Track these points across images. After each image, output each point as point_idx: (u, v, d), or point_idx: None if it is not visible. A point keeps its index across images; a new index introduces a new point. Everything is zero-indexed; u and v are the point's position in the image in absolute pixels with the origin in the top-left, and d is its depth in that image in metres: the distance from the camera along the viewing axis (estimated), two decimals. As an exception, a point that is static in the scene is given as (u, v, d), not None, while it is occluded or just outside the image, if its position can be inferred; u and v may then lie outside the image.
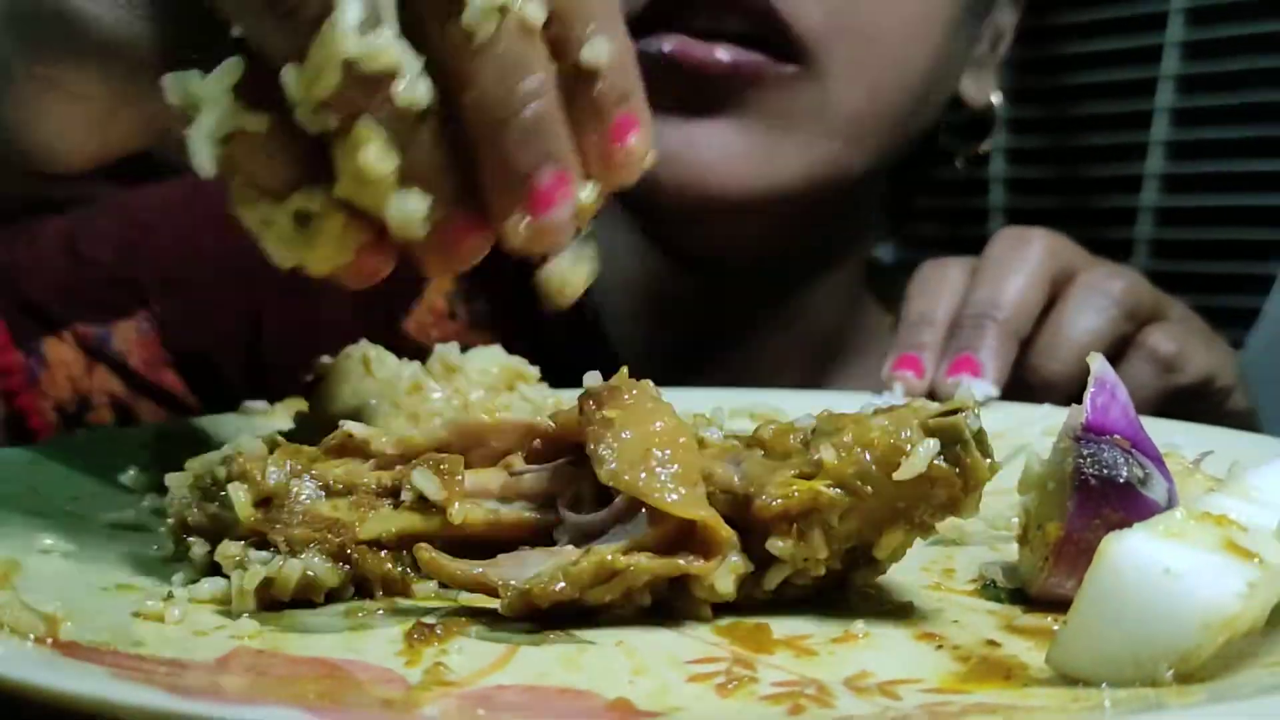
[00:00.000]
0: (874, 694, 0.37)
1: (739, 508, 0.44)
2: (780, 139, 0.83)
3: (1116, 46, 1.47)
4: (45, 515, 0.52)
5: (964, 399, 0.44)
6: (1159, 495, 0.45)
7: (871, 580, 0.46)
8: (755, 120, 0.82)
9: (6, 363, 0.85)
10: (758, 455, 0.46)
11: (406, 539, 0.46)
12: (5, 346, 0.85)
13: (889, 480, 0.43)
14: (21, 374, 0.86)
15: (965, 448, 0.43)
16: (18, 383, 0.85)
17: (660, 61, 0.79)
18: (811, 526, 0.43)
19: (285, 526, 0.46)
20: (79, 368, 0.88)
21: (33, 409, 0.85)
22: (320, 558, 0.45)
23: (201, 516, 0.47)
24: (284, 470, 0.47)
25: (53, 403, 0.87)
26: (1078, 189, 1.56)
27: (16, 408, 0.85)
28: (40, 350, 0.87)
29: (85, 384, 0.88)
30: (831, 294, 1.00)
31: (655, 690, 0.37)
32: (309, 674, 0.39)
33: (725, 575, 0.43)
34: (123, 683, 0.33)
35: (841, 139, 0.85)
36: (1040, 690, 0.37)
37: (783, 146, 0.83)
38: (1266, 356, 1.28)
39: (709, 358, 0.96)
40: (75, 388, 0.88)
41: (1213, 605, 0.36)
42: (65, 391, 0.87)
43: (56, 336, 0.88)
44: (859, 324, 1.04)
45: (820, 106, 0.83)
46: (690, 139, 0.81)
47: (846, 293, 1.02)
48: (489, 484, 0.47)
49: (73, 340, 0.88)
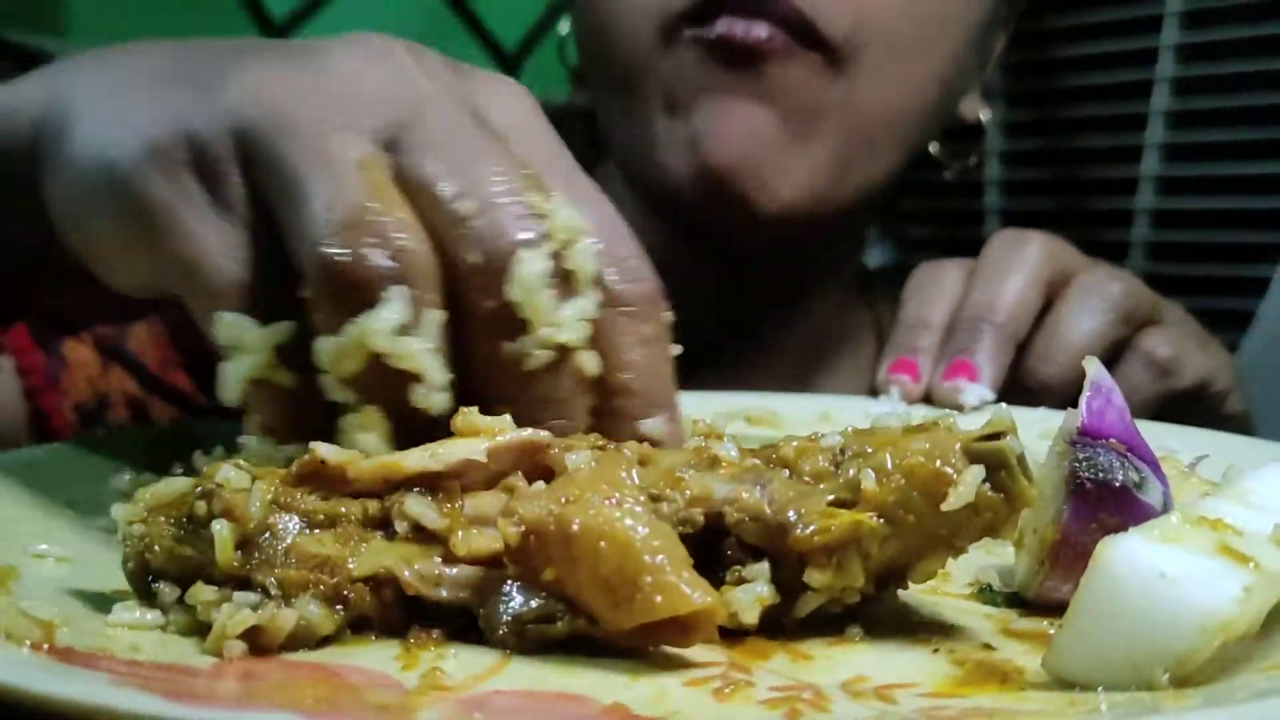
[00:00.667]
0: (870, 698, 0.37)
1: (771, 537, 0.42)
2: (808, 131, 0.85)
3: (1112, 49, 1.47)
4: (40, 520, 0.52)
5: (1003, 421, 0.42)
6: (1155, 499, 0.45)
7: (895, 596, 0.45)
8: (785, 102, 0.84)
9: (29, 363, 0.87)
10: (783, 476, 0.43)
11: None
12: (28, 348, 0.86)
13: (934, 509, 0.41)
14: (43, 374, 0.87)
15: (1010, 473, 0.41)
16: (40, 382, 0.87)
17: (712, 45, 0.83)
18: (850, 556, 0.41)
19: (271, 566, 0.42)
20: (96, 368, 0.90)
21: (54, 409, 0.87)
22: (315, 603, 0.41)
23: (165, 558, 0.43)
24: (265, 502, 0.42)
25: (73, 402, 0.88)
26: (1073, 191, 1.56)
27: (39, 408, 0.87)
28: (60, 351, 0.88)
29: (103, 384, 0.90)
30: (831, 296, 1.02)
31: (652, 695, 0.37)
32: (305, 679, 0.39)
33: (751, 608, 0.41)
34: (119, 688, 0.33)
35: (865, 142, 0.88)
36: (1036, 694, 0.37)
37: (809, 139, 0.85)
38: (1262, 359, 1.28)
39: (714, 348, 0.97)
40: (94, 387, 0.89)
41: (1209, 609, 0.36)
42: (85, 391, 0.89)
43: (75, 338, 0.89)
44: (846, 322, 1.05)
45: (845, 104, 0.86)
46: (723, 110, 0.84)
47: (843, 294, 1.04)
48: (490, 508, 0.43)
49: (91, 342, 0.90)
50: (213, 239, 0.49)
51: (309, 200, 0.47)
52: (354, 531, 0.43)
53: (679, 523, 0.42)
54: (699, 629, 0.39)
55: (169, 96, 0.52)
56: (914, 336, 0.83)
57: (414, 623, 0.42)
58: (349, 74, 0.51)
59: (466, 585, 0.42)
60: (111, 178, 0.51)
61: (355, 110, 0.49)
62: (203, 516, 0.42)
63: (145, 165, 0.50)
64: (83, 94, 0.55)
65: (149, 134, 0.50)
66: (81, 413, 0.88)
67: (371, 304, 0.45)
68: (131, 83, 0.55)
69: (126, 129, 0.51)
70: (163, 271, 0.51)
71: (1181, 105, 1.41)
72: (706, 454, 0.44)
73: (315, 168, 0.47)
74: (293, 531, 0.42)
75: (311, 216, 0.46)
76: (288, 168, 0.48)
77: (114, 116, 0.53)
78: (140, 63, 0.57)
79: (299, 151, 0.48)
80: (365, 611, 0.42)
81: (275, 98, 0.49)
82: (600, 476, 0.42)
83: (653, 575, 0.39)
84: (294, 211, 0.47)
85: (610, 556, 0.39)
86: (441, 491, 0.43)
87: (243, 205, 0.50)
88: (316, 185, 0.47)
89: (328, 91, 0.50)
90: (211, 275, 0.49)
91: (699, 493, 0.43)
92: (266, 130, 0.49)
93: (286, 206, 0.48)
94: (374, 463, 0.44)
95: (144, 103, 0.52)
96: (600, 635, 0.40)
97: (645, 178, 0.90)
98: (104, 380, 0.90)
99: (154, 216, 0.50)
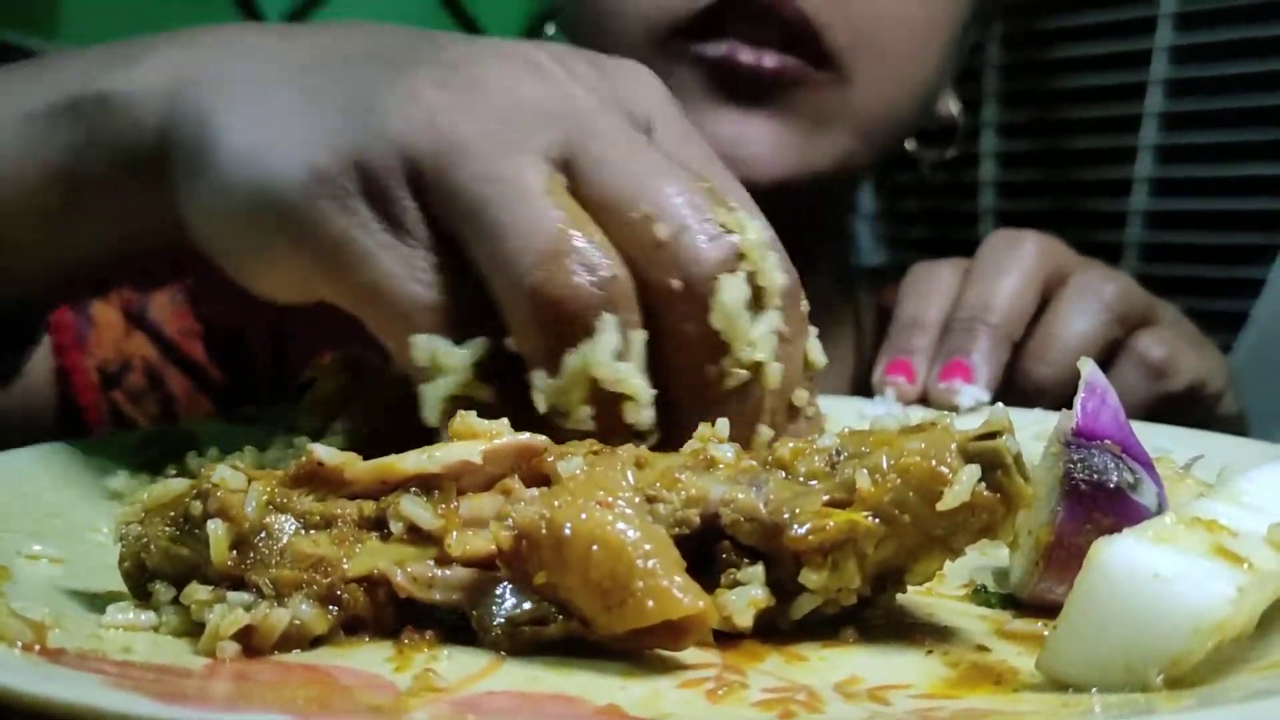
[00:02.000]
0: (863, 699, 0.37)
1: (766, 537, 0.42)
2: (815, 134, 0.90)
3: (1106, 51, 1.47)
4: (34, 521, 0.52)
5: (1000, 420, 0.42)
6: (1149, 500, 0.45)
7: (893, 600, 0.44)
8: (795, 117, 0.89)
9: (59, 319, 0.88)
10: (779, 476, 0.43)
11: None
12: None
13: (929, 509, 0.41)
14: (71, 331, 0.89)
15: (1006, 473, 0.41)
16: (68, 339, 0.88)
17: (713, 64, 0.86)
18: (846, 557, 0.41)
19: (266, 567, 0.42)
20: (121, 331, 0.91)
21: (78, 367, 0.88)
22: (308, 603, 0.41)
23: (161, 558, 0.43)
24: (261, 503, 0.43)
25: (97, 362, 0.89)
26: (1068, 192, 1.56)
27: (63, 365, 0.88)
28: (89, 311, 0.90)
29: (126, 347, 0.91)
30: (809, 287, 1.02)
31: (646, 696, 0.37)
32: (298, 680, 0.38)
33: (745, 611, 0.41)
34: (111, 690, 0.33)
35: (862, 139, 0.92)
36: (1030, 695, 0.37)
37: (816, 141, 0.90)
38: (1256, 361, 1.28)
39: None
40: (118, 350, 0.91)
41: (1203, 610, 0.36)
42: (110, 352, 0.90)
43: (104, 300, 0.91)
44: (828, 316, 1.07)
45: (845, 108, 0.90)
46: (742, 132, 0.88)
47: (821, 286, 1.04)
48: (486, 510, 0.43)
49: (118, 304, 0.92)
50: (396, 265, 0.49)
51: (504, 231, 0.47)
52: (350, 532, 0.43)
53: (675, 524, 0.42)
54: (691, 633, 0.39)
55: (326, 117, 0.51)
56: (909, 337, 0.83)
57: (408, 624, 0.42)
58: (506, 90, 0.51)
59: (460, 587, 0.42)
60: (281, 208, 0.50)
61: (522, 130, 0.49)
62: (198, 516, 0.42)
63: (317, 196, 0.50)
64: (222, 100, 0.54)
65: (315, 161, 0.50)
66: (103, 374, 0.89)
67: (587, 333, 0.46)
68: (274, 90, 0.54)
69: (288, 153, 0.51)
70: (348, 300, 0.51)
71: (1175, 107, 1.41)
72: (703, 455, 0.44)
73: (501, 195, 0.48)
74: (288, 532, 0.43)
75: (513, 249, 0.47)
76: (469, 195, 0.48)
77: (268, 136, 0.52)
78: (276, 62, 0.55)
79: (478, 178, 0.48)
80: (359, 612, 0.42)
81: (443, 123, 0.49)
82: (596, 479, 0.42)
83: (644, 579, 0.38)
84: (489, 242, 0.48)
85: (602, 560, 0.39)
86: (438, 492, 0.43)
87: (420, 229, 0.50)
88: (507, 214, 0.47)
89: (492, 112, 0.50)
90: (400, 301, 0.49)
91: (695, 494, 0.43)
92: (439, 157, 0.49)
93: (476, 236, 0.48)
94: (371, 464, 0.44)
95: (297, 120, 0.52)
96: (593, 637, 0.40)
97: None
98: (127, 344, 0.91)
99: (334, 248, 0.50)
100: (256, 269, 0.54)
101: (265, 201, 0.51)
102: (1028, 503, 0.42)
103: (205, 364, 0.95)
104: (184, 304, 0.94)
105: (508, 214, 0.47)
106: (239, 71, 0.55)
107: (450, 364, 0.48)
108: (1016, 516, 0.42)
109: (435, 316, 0.49)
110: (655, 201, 0.48)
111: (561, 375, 0.47)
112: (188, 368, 0.94)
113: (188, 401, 0.94)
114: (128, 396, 0.92)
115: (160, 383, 0.92)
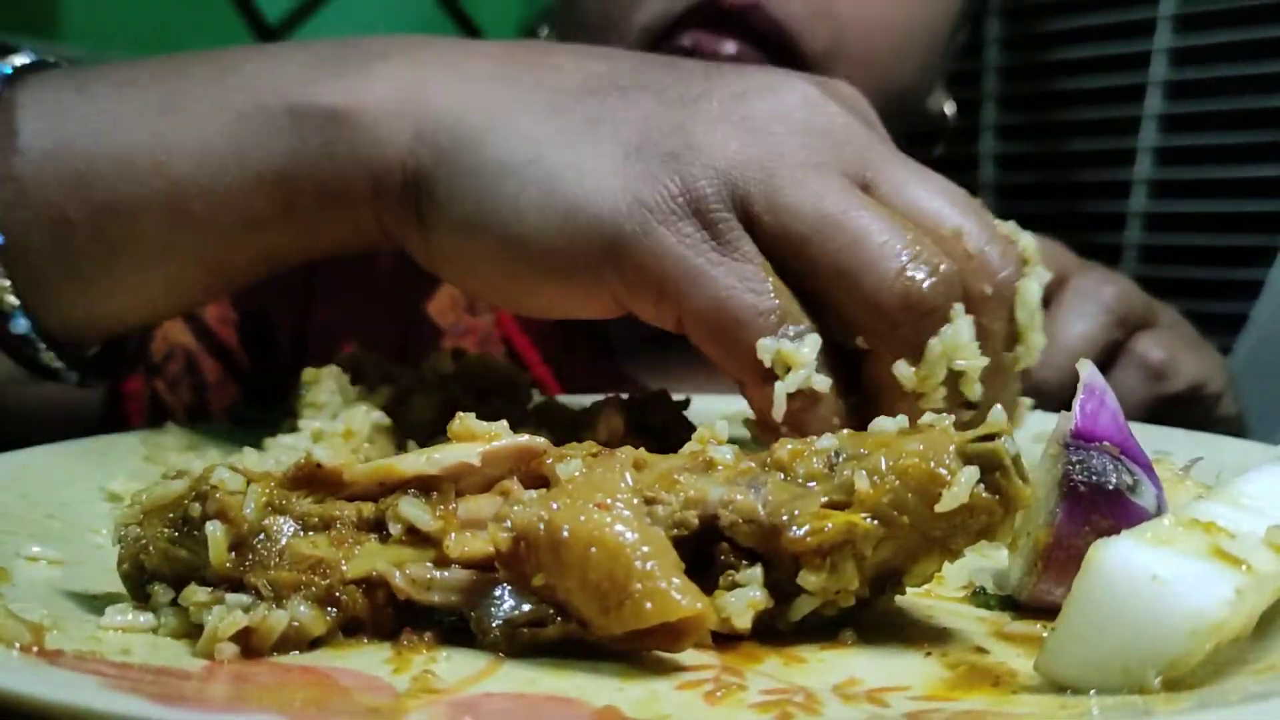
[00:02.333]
0: (862, 701, 0.37)
1: (765, 538, 0.42)
2: None
3: (1105, 53, 1.47)
4: (33, 523, 0.52)
5: (998, 422, 0.42)
6: (1148, 502, 0.45)
7: (891, 602, 0.44)
8: None
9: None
10: (777, 478, 0.43)
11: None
12: None
13: (928, 510, 0.41)
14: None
15: (1005, 474, 0.41)
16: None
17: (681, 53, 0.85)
18: (844, 558, 0.41)
19: (265, 568, 0.42)
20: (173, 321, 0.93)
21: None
22: (307, 605, 0.41)
23: (160, 559, 0.43)
24: (260, 505, 0.42)
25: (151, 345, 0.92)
26: (1067, 194, 1.56)
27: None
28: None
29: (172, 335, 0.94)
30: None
31: (644, 698, 0.37)
32: (296, 681, 0.38)
33: (744, 613, 0.41)
34: (110, 692, 0.33)
35: None
36: (1028, 697, 0.37)
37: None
38: (1255, 362, 1.28)
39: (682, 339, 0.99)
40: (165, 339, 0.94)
41: (1201, 612, 0.36)
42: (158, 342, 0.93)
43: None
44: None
45: None
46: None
47: None
48: (484, 511, 0.43)
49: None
50: (732, 279, 0.54)
51: (861, 242, 0.53)
52: (348, 534, 0.43)
53: (673, 525, 0.42)
54: (689, 635, 0.39)
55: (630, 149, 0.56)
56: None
57: (406, 625, 0.42)
58: (785, 118, 0.57)
59: (458, 589, 0.42)
60: (611, 236, 0.55)
61: (819, 154, 0.56)
62: (197, 518, 0.42)
63: (649, 224, 0.55)
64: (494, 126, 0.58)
65: (640, 192, 0.55)
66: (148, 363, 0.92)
67: (946, 322, 0.53)
68: (552, 119, 0.58)
69: (603, 183, 0.55)
70: (688, 316, 0.55)
71: (1174, 109, 1.42)
72: (702, 457, 0.44)
73: (842, 212, 0.54)
74: (287, 534, 0.43)
75: (872, 257, 0.53)
76: (806, 213, 0.54)
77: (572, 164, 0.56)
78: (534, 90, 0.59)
79: (808, 198, 0.54)
80: (357, 614, 0.42)
81: (753, 154, 0.55)
82: (595, 481, 0.42)
83: (643, 581, 0.38)
84: (842, 253, 0.54)
85: (600, 562, 0.39)
86: (436, 494, 0.43)
87: (746, 246, 0.55)
88: (856, 228, 0.54)
89: (787, 140, 0.56)
90: (741, 310, 0.54)
91: (694, 495, 0.43)
92: (760, 184, 0.55)
93: (825, 248, 0.54)
94: (370, 466, 0.44)
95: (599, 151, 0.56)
96: (591, 639, 0.40)
97: None
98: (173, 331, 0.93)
99: (671, 271, 0.55)
100: (559, 291, 0.58)
101: (587, 226, 0.55)
102: (1027, 504, 0.42)
103: (237, 350, 0.96)
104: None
105: (856, 227, 0.54)
106: (497, 95, 0.59)
107: (798, 359, 0.53)
108: (1016, 518, 0.42)
109: (772, 321, 0.54)
110: (959, 220, 0.56)
111: (926, 361, 0.53)
112: (221, 354, 0.95)
113: (218, 387, 0.95)
114: (167, 384, 0.92)
115: (196, 369, 0.93)
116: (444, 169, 0.58)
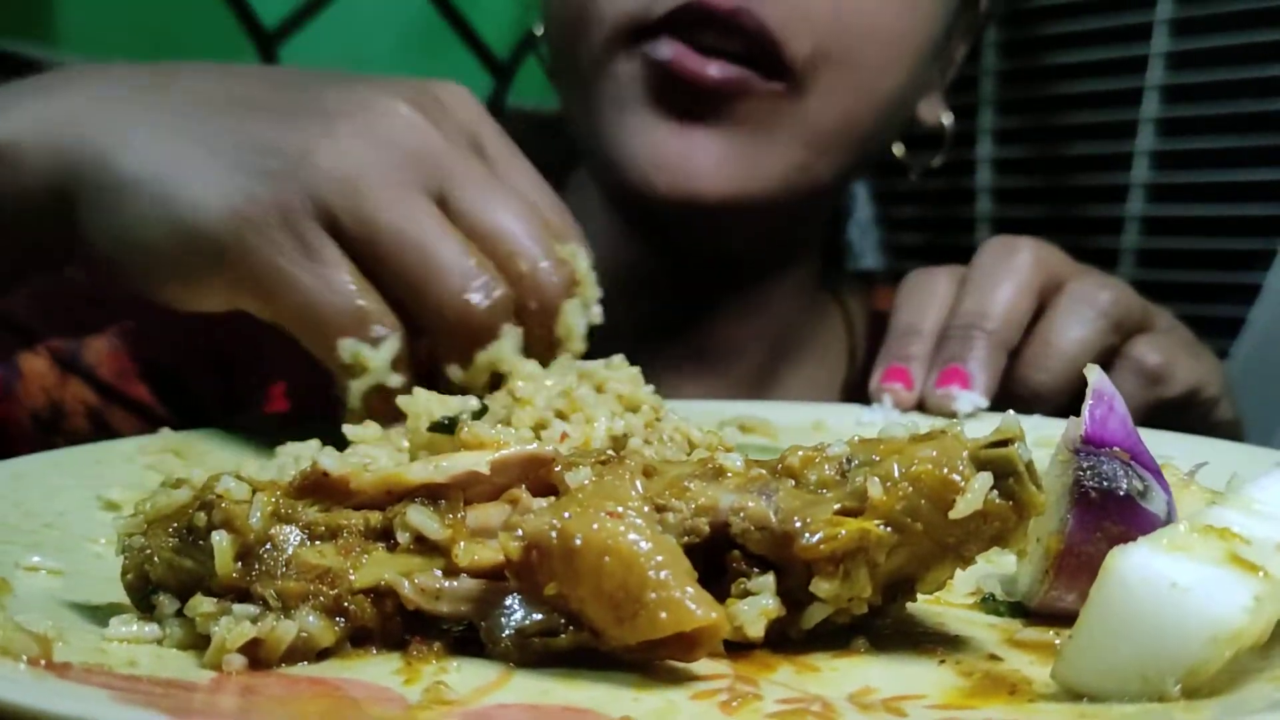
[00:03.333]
0: (879, 710, 0.37)
1: (777, 546, 0.41)
2: (762, 147, 0.88)
3: (1102, 57, 1.47)
4: (31, 532, 0.52)
5: (1011, 428, 0.42)
6: (1158, 508, 0.45)
7: (903, 609, 0.44)
8: (740, 129, 0.87)
9: None
10: (789, 485, 0.43)
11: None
12: None
13: (941, 517, 0.41)
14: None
15: (1019, 480, 0.41)
16: None
17: (659, 68, 0.85)
18: (857, 565, 0.41)
19: (272, 578, 0.41)
20: (53, 379, 0.91)
21: (10, 418, 0.88)
22: (315, 615, 0.41)
23: (165, 569, 0.42)
24: (266, 514, 0.42)
25: (28, 412, 0.90)
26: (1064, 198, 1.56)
27: None
28: (16, 363, 0.90)
29: (59, 394, 0.92)
30: (790, 291, 1.04)
31: (659, 708, 0.37)
32: (306, 693, 0.38)
33: (757, 621, 0.41)
34: (121, 705, 0.33)
35: (814, 151, 0.90)
36: (1046, 705, 0.37)
37: (763, 154, 0.88)
38: (1253, 366, 1.28)
39: (672, 336, 1.00)
40: (49, 397, 0.91)
41: (1220, 619, 0.35)
42: (40, 400, 0.90)
43: (31, 351, 0.91)
44: (815, 321, 1.07)
45: (799, 122, 0.88)
46: (685, 146, 0.86)
47: (804, 291, 1.05)
48: (493, 520, 0.43)
49: (46, 354, 0.91)
50: (316, 283, 0.62)
51: (426, 262, 0.63)
52: (355, 543, 0.43)
53: (684, 533, 0.42)
54: (704, 644, 0.39)
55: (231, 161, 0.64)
56: (906, 344, 0.83)
57: (415, 634, 0.42)
58: (377, 133, 0.64)
59: (468, 598, 0.42)
60: (209, 242, 0.63)
61: (403, 170, 0.64)
62: (203, 528, 0.42)
63: (243, 232, 0.62)
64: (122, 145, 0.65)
65: (235, 203, 0.62)
66: (38, 421, 0.90)
67: (494, 337, 0.64)
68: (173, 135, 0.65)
69: (206, 194, 0.63)
70: (280, 315, 0.64)
71: (1171, 112, 1.42)
72: (712, 464, 0.44)
73: (414, 230, 0.63)
74: (293, 543, 0.42)
75: (435, 277, 0.63)
76: (382, 229, 0.63)
77: (181, 177, 0.63)
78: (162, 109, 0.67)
79: (385, 215, 0.63)
80: (366, 623, 0.42)
81: (340, 168, 0.63)
82: (605, 489, 0.41)
83: (657, 591, 0.38)
84: (411, 270, 0.63)
85: (614, 571, 0.39)
86: (444, 502, 0.43)
87: (331, 253, 0.63)
88: (426, 247, 0.63)
89: (375, 155, 0.63)
90: (322, 312, 0.62)
91: (705, 502, 0.42)
92: (344, 197, 0.63)
93: (399, 264, 0.63)
94: (377, 474, 0.44)
95: (209, 163, 0.64)
96: (604, 648, 0.39)
97: (600, 174, 0.94)
98: (61, 390, 0.91)
99: (263, 274, 0.63)
100: (180, 290, 0.66)
101: (191, 236, 0.63)
102: (1040, 510, 0.41)
103: (152, 403, 0.94)
104: (121, 348, 0.93)
105: (427, 247, 0.63)
106: (126, 117, 0.66)
107: (374, 364, 0.63)
108: (1028, 524, 0.42)
109: (353, 322, 0.63)
110: (517, 243, 0.66)
111: (475, 367, 0.65)
112: (133, 407, 0.93)
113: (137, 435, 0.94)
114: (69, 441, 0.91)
115: (104, 424, 0.92)
116: (84, 189, 0.65)
